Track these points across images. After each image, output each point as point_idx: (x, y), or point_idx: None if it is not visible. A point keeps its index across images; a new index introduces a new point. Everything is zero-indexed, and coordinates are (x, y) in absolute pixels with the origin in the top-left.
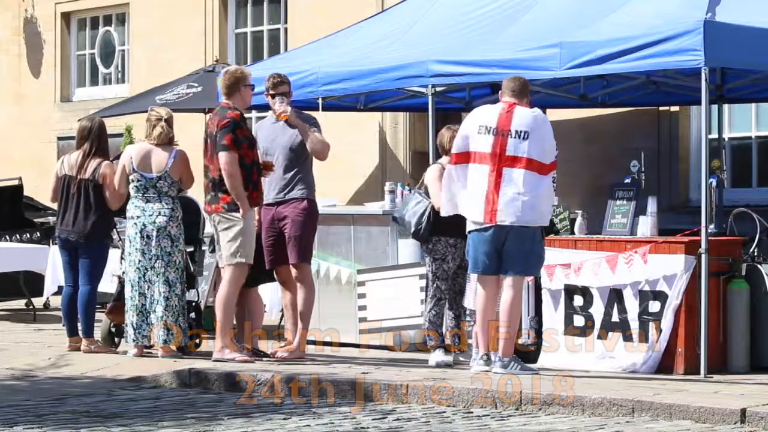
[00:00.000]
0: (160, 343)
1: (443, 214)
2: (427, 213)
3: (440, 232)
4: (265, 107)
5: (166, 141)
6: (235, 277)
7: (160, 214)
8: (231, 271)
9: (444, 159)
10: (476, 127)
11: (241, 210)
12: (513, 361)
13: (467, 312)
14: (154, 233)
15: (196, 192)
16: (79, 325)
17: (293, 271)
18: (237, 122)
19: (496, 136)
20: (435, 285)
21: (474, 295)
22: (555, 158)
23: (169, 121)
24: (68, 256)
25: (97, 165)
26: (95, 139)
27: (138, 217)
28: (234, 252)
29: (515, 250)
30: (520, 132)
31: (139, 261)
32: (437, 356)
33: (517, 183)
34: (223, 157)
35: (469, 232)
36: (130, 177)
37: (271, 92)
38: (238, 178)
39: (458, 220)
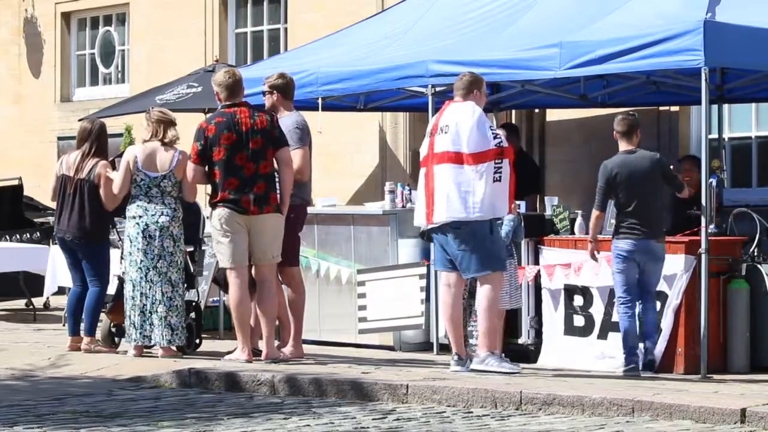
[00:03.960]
0: (164, 343)
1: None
2: None
3: None
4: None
5: (175, 143)
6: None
7: (162, 213)
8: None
9: None
10: (426, 133)
11: (283, 212)
12: (489, 357)
13: (470, 312)
14: (157, 233)
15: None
16: (81, 324)
17: (278, 276)
18: None
19: (430, 137)
20: None
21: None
22: (490, 147)
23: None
24: (70, 257)
25: (94, 165)
26: (95, 140)
27: (140, 216)
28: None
29: (459, 250)
30: (443, 127)
31: (141, 261)
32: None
33: (444, 179)
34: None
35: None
36: (134, 176)
37: (263, 90)
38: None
39: None
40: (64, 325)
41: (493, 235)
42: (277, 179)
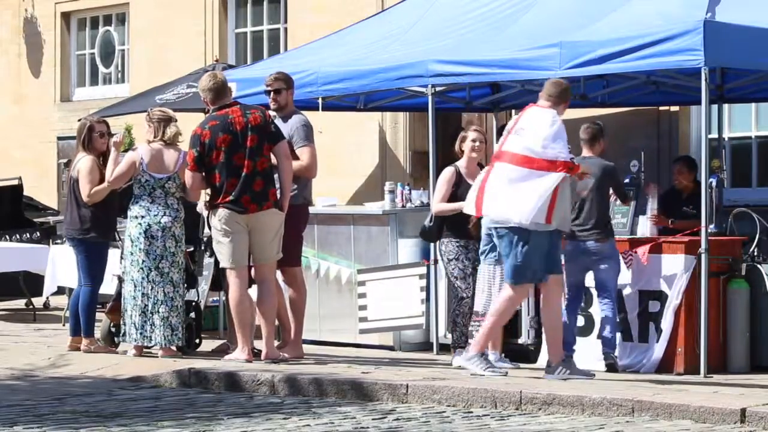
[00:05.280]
0: (165, 343)
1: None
2: (430, 214)
3: (448, 233)
4: (266, 107)
5: (177, 141)
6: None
7: (165, 214)
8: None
9: (460, 162)
10: (505, 130)
11: (284, 207)
12: (476, 357)
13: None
14: (159, 233)
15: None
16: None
17: (279, 276)
18: None
19: (505, 135)
20: (456, 285)
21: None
22: (558, 158)
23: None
24: (75, 256)
25: (78, 161)
26: (81, 139)
27: (143, 216)
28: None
29: (502, 251)
30: (519, 129)
31: (143, 261)
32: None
33: (500, 176)
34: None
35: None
36: (139, 177)
37: (267, 89)
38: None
39: (465, 222)
40: (64, 325)
41: (528, 246)
42: (276, 176)
